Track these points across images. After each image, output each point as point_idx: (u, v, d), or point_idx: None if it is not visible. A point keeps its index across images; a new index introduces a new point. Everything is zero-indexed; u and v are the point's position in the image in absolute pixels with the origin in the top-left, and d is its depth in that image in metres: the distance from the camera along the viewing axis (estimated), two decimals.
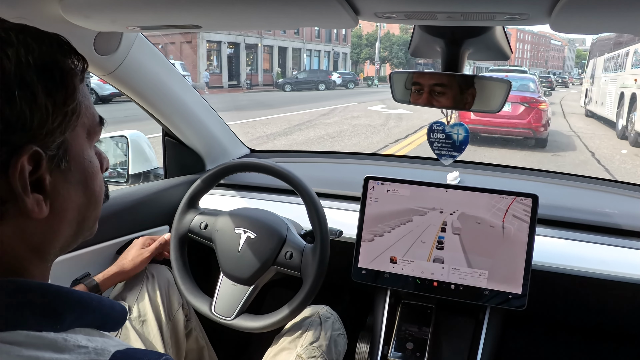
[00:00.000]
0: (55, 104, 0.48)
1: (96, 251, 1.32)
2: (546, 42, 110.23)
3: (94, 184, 0.56)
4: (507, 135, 9.45)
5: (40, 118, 0.46)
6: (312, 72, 31.75)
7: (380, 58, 47.85)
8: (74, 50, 0.52)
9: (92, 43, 1.13)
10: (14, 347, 0.44)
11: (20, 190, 0.46)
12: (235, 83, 30.25)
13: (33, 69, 0.46)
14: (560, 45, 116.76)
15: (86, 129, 0.54)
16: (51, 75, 0.48)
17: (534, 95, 9.60)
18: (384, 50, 50.74)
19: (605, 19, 0.74)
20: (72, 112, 0.50)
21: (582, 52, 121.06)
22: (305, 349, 1.20)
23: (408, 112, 14.35)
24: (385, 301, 1.39)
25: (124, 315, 0.57)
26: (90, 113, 0.55)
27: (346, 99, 20.16)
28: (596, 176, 1.74)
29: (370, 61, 51.92)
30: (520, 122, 9.14)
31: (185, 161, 1.70)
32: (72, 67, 0.51)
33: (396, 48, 50.33)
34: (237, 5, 0.83)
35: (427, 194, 1.31)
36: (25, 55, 0.46)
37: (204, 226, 1.32)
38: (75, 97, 0.51)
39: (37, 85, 0.46)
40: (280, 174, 1.25)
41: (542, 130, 9.23)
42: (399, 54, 50.40)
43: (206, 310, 1.27)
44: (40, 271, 0.53)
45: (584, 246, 1.33)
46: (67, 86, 0.50)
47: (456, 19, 0.84)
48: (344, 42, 47.27)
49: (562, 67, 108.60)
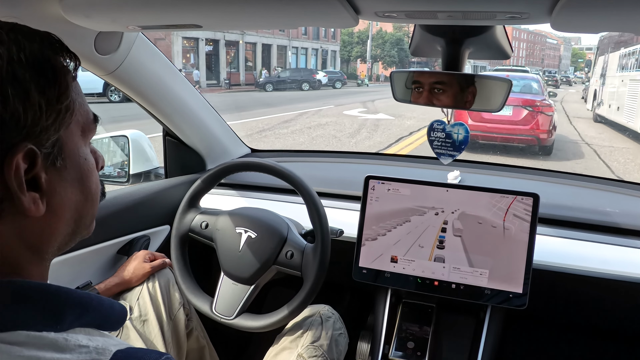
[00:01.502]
0: (49, 101, 0.48)
1: (97, 251, 1.32)
2: (542, 41, 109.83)
3: (90, 181, 0.56)
4: (508, 142, 8.47)
5: (34, 116, 0.46)
6: (296, 71, 30.18)
7: (372, 56, 47.05)
8: (65, 48, 0.52)
9: (92, 43, 1.13)
10: (14, 347, 0.44)
11: (16, 188, 0.46)
12: (215, 82, 28.84)
13: (25, 67, 0.46)
14: (556, 44, 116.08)
15: (80, 127, 0.54)
16: (44, 72, 0.48)
17: (538, 97, 8.64)
18: (376, 48, 49.52)
19: (606, 17, 0.74)
20: (65, 110, 0.50)
21: (578, 50, 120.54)
22: (306, 348, 1.20)
23: (389, 117, 12.89)
24: (386, 300, 1.39)
25: (124, 315, 0.57)
26: (84, 110, 0.55)
27: (324, 101, 18.46)
28: (597, 175, 1.74)
29: (362, 59, 50.38)
30: (523, 129, 8.15)
31: (185, 161, 1.70)
32: (64, 65, 0.51)
33: (389, 46, 49.23)
34: (238, 5, 0.83)
35: (427, 194, 1.31)
36: (17, 52, 0.46)
37: (204, 226, 1.32)
38: (69, 95, 0.51)
39: (30, 82, 0.46)
40: (281, 173, 1.25)
41: (546, 138, 8.25)
42: (391, 52, 49.21)
43: (207, 310, 1.27)
44: (38, 271, 0.52)
45: (585, 245, 1.33)
46: (59, 83, 0.49)
47: (457, 18, 0.84)
48: (333, 39, 45.65)
49: (558, 65, 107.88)
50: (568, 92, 32.93)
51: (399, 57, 49.53)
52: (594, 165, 7.95)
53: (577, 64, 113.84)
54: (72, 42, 1.10)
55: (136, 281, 1.29)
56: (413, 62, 53.22)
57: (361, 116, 13.53)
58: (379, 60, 51.02)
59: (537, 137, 8.20)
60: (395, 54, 49.07)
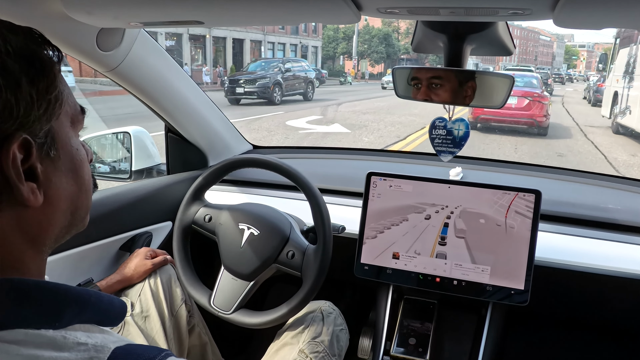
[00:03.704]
0: (39, 91, 0.49)
1: (99, 247, 1.33)
2: (535, 38, 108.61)
3: (83, 171, 0.57)
4: (514, 124, 10.87)
5: (26, 106, 0.47)
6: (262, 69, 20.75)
7: (358, 53, 44.44)
8: (47, 42, 0.53)
9: (94, 39, 1.13)
10: (12, 346, 0.44)
11: (15, 178, 0.47)
12: None
13: (14, 58, 0.47)
14: (549, 41, 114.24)
15: (70, 117, 0.55)
16: (32, 63, 0.49)
17: (537, 90, 11.13)
18: (362, 45, 46.87)
19: (609, 13, 0.74)
20: (55, 100, 0.51)
21: (571, 47, 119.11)
22: (307, 344, 1.20)
23: (343, 130, 10.43)
24: (388, 297, 1.40)
25: (123, 310, 0.58)
26: (71, 102, 0.56)
27: (276, 107, 14.64)
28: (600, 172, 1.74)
29: (348, 56, 47.50)
30: (525, 114, 10.59)
31: (187, 157, 1.70)
32: (50, 56, 0.52)
33: (376, 41, 46.64)
34: (239, 1, 0.83)
35: (429, 190, 1.31)
36: (4, 45, 0.47)
37: (208, 219, 1.32)
38: (57, 85, 0.52)
39: (20, 73, 0.47)
40: (283, 170, 1.25)
41: (543, 121, 10.68)
42: (378, 48, 46.70)
43: (205, 303, 1.27)
44: (36, 265, 0.53)
45: (587, 242, 1.32)
46: (47, 74, 0.50)
47: (459, 14, 0.83)
48: (315, 34, 42.24)
49: (552, 63, 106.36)
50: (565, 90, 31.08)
51: (387, 53, 47.38)
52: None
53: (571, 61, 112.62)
54: (74, 38, 1.11)
55: (137, 278, 1.29)
56: (402, 59, 51.33)
57: (307, 128, 10.63)
58: (366, 56, 48.66)
59: (536, 120, 10.67)
60: (383, 50, 47.05)
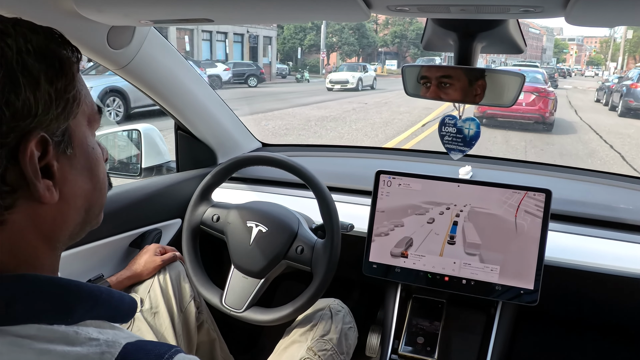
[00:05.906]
0: (57, 90, 0.49)
1: (110, 244, 1.34)
2: (525, 30, 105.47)
3: (98, 170, 0.57)
4: (521, 119, 10.99)
5: (45, 104, 0.48)
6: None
7: (327, 45, 39.00)
8: (67, 41, 0.53)
9: (105, 37, 1.14)
10: (26, 340, 0.45)
11: (32, 175, 0.47)
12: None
13: (34, 57, 0.48)
14: (538, 34, 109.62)
15: (86, 117, 0.56)
16: (51, 63, 0.49)
17: (543, 86, 11.49)
18: (332, 36, 41.90)
19: (623, 11, 0.73)
20: (72, 99, 0.52)
21: (560, 41, 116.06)
22: (316, 341, 1.20)
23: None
24: (396, 295, 1.39)
25: (133, 308, 0.58)
26: (89, 101, 0.56)
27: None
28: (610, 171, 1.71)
29: (316, 49, 40.68)
30: (532, 109, 10.76)
31: (197, 155, 1.71)
32: (69, 57, 0.52)
33: (347, 33, 41.67)
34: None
35: (438, 189, 1.30)
36: (25, 44, 0.47)
37: (216, 219, 1.32)
38: (75, 85, 0.52)
39: (39, 72, 0.48)
40: (292, 168, 1.25)
41: (548, 116, 10.94)
42: (350, 40, 41.92)
43: (216, 302, 1.28)
44: (50, 261, 0.54)
45: (598, 242, 1.31)
46: (66, 74, 0.51)
47: (470, 11, 0.83)
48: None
49: (541, 57, 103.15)
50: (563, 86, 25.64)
51: (360, 45, 43.10)
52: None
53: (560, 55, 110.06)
54: (85, 36, 1.11)
55: (147, 274, 1.30)
56: (381, 52, 47.86)
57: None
58: (336, 49, 43.46)
59: (543, 115, 10.90)
60: (355, 42, 42.71)
